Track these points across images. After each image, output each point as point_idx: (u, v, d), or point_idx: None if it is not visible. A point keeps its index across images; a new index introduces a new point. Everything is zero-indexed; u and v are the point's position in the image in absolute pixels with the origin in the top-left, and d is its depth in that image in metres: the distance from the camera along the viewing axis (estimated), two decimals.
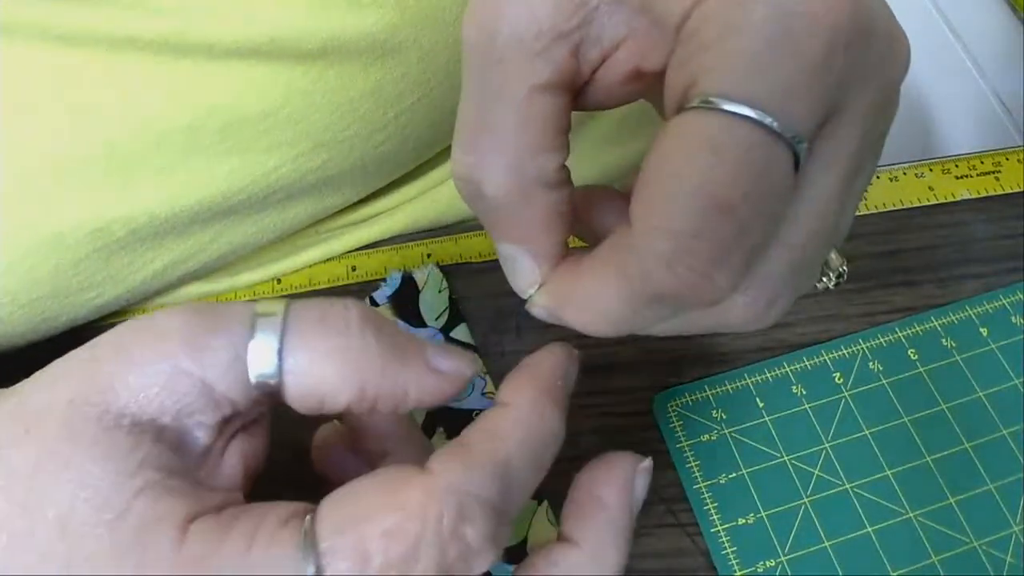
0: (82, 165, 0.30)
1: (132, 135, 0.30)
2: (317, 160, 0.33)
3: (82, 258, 0.31)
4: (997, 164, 0.38)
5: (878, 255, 0.36)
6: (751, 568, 0.30)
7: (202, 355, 0.20)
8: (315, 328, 0.21)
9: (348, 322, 0.21)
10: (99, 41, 0.29)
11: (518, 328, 0.35)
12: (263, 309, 0.21)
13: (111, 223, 0.31)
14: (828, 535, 0.30)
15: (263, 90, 0.30)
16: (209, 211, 0.33)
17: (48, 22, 0.29)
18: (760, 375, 0.33)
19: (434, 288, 0.36)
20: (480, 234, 0.38)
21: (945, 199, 0.37)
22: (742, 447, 0.32)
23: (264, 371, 0.20)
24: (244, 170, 0.32)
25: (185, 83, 0.30)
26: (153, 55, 0.29)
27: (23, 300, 0.31)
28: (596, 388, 0.34)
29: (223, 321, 0.21)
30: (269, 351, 0.20)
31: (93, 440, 0.19)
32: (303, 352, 0.21)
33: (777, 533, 0.30)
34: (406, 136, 0.35)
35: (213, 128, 0.30)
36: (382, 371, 0.21)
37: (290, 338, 0.21)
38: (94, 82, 0.29)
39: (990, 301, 0.35)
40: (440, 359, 0.22)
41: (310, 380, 0.21)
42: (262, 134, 0.31)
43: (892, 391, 0.33)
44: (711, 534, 0.30)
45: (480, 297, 0.36)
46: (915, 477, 0.31)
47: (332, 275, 0.37)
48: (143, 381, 0.20)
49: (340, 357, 0.21)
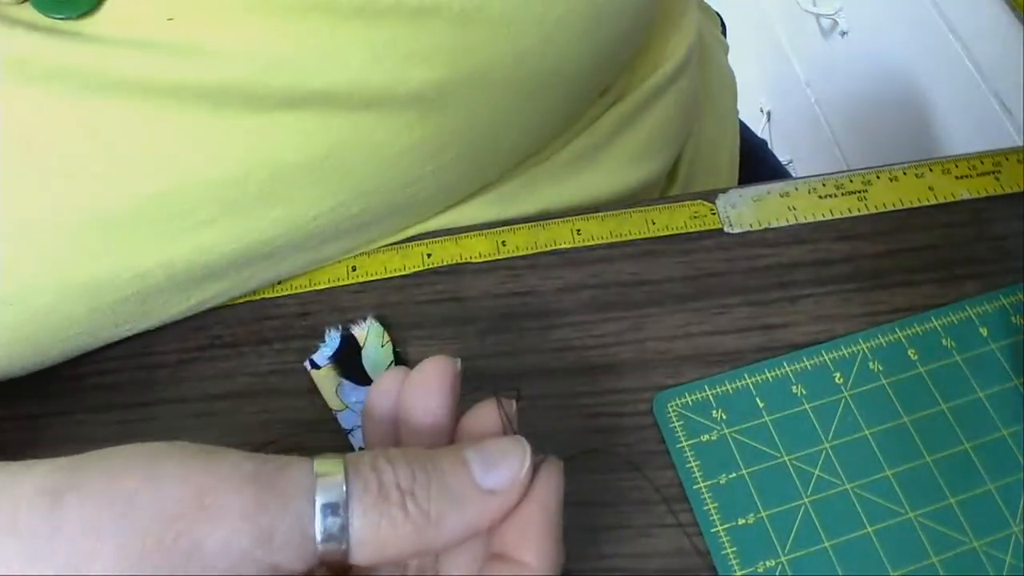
0: (126, 218, 0.30)
1: (177, 189, 0.30)
2: (355, 208, 0.33)
3: (120, 300, 0.32)
4: (997, 164, 0.38)
5: (878, 255, 0.36)
6: (751, 568, 0.30)
7: (271, 541, 0.20)
8: (376, 503, 0.21)
9: (405, 490, 0.21)
10: (148, 91, 0.29)
11: (519, 328, 0.36)
12: (322, 470, 0.21)
13: (152, 269, 0.31)
14: (828, 535, 0.30)
15: (309, 143, 0.30)
16: (247, 257, 0.33)
17: (92, 69, 0.28)
18: (760, 375, 0.33)
19: (376, 343, 0.35)
20: (480, 234, 0.38)
21: (945, 199, 0.37)
22: (742, 447, 0.32)
23: (330, 544, 0.20)
24: (285, 220, 0.32)
25: (233, 136, 0.30)
26: (202, 107, 0.29)
27: (60, 336, 0.32)
28: (596, 388, 0.34)
29: (288, 499, 0.20)
30: (334, 526, 0.20)
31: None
32: (367, 526, 0.21)
33: (777, 533, 0.30)
34: (442, 185, 0.35)
35: (257, 180, 0.30)
36: (442, 524, 0.21)
37: (354, 515, 0.21)
38: (139, 135, 0.29)
39: (990, 301, 0.35)
40: (490, 474, 0.22)
41: (375, 550, 0.21)
42: (305, 186, 0.31)
43: (892, 391, 0.33)
44: (711, 534, 0.30)
45: (480, 297, 0.36)
46: (915, 477, 0.31)
47: (332, 275, 0.37)
48: (211, 570, 0.19)
49: (401, 527, 0.21)
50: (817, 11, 1.14)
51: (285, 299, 0.37)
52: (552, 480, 0.23)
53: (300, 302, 0.37)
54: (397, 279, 0.37)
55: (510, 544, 0.22)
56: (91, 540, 0.19)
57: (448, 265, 0.37)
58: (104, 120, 0.29)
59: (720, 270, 0.36)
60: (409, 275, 0.37)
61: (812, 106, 1.24)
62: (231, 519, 0.20)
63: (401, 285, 0.37)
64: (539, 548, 0.22)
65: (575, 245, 0.37)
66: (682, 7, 0.45)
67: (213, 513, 0.20)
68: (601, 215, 0.38)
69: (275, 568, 0.20)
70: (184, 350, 0.36)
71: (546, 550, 0.22)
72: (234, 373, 0.35)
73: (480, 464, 0.22)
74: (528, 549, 0.22)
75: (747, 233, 0.37)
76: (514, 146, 0.36)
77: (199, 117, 0.29)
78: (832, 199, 0.38)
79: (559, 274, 0.37)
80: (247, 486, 0.20)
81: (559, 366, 0.34)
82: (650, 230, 0.38)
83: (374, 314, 0.36)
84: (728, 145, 0.54)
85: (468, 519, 0.22)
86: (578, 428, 0.33)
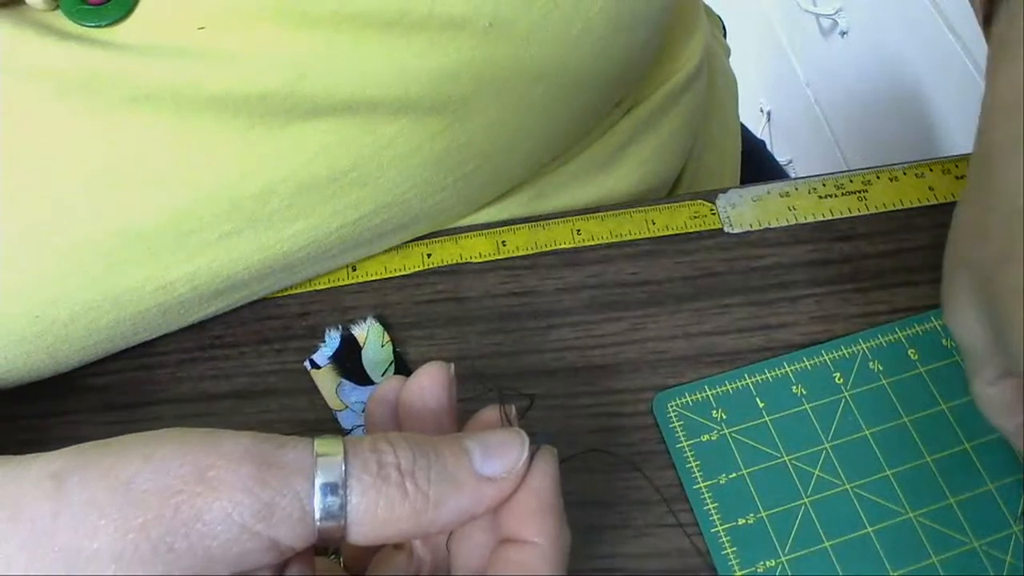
0: (151, 231, 0.30)
1: (203, 202, 0.30)
2: (377, 219, 0.34)
3: (142, 311, 0.32)
4: None
5: (878, 255, 0.36)
6: (751, 568, 0.30)
7: (271, 516, 0.20)
8: (375, 482, 0.21)
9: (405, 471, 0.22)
10: (177, 102, 0.29)
11: (519, 328, 0.36)
12: (323, 450, 0.21)
13: (175, 281, 0.31)
14: (828, 535, 0.30)
15: (335, 155, 0.31)
16: (270, 268, 0.33)
17: (122, 79, 0.28)
18: (760, 375, 0.33)
19: (376, 343, 0.35)
20: (480, 234, 0.38)
21: (945, 199, 0.37)
22: (742, 447, 0.32)
23: (329, 522, 0.21)
24: (308, 233, 0.33)
25: (261, 150, 0.30)
26: (231, 119, 0.29)
27: (79, 346, 0.32)
28: (596, 388, 0.34)
29: (288, 474, 0.21)
30: (333, 504, 0.21)
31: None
32: (365, 504, 0.21)
33: (777, 533, 0.30)
34: (462, 194, 0.36)
35: (282, 194, 0.31)
36: (440, 508, 0.22)
37: (352, 492, 0.21)
38: (167, 148, 0.29)
39: None
40: (488, 462, 0.23)
41: (373, 529, 0.21)
42: (329, 198, 0.32)
43: (892, 391, 0.33)
44: (711, 534, 0.30)
45: (480, 297, 0.36)
46: (915, 477, 0.31)
47: (332, 276, 0.37)
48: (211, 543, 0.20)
49: (399, 507, 0.21)
50: (817, 11, 1.14)
51: (285, 299, 0.37)
52: (545, 465, 0.24)
53: (300, 302, 0.37)
54: (397, 279, 0.37)
55: (512, 528, 0.23)
56: (93, 518, 0.19)
57: (448, 265, 0.37)
58: (132, 133, 0.29)
59: (720, 270, 0.36)
60: (409, 275, 0.37)
61: (812, 106, 1.25)
62: (232, 492, 0.20)
63: (401, 285, 0.37)
64: (539, 526, 0.23)
65: (575, 245, 0.37)
66: (694, 15, 0.45)
67: (214, 486, 0.20)
68: (601, 215, 0.38)
69: (274, 543, 0.20)
70: (184, 350, 0.36)
71: (546, 528, 0.23)
72: (234, 373, 0.35)
73: (480, 452, 0.23)
74: (529, 529, 0.23)
75: (747, 233, 0.37)
76: (534, 155, 0.37)
77: (228, 130, 0.29)
78: (832, 199, 0.38)
79: (559, 274, 0.37)
80: (247, 462, 0.20)
81: (559, 366, 0.34)
82: (650, 230, 0.38)
83: (374, 314, 0.36)
84: (730, 147, 0.55)
85: (465, 503, 0.22)
86: (578, 428, 0.33)
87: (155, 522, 0.19)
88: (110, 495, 0.20)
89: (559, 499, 0.23)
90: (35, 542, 0.19)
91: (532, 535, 0.23)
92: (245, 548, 0.20)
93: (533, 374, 0.34)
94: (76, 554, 0.19)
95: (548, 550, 0.23)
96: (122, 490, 0.20)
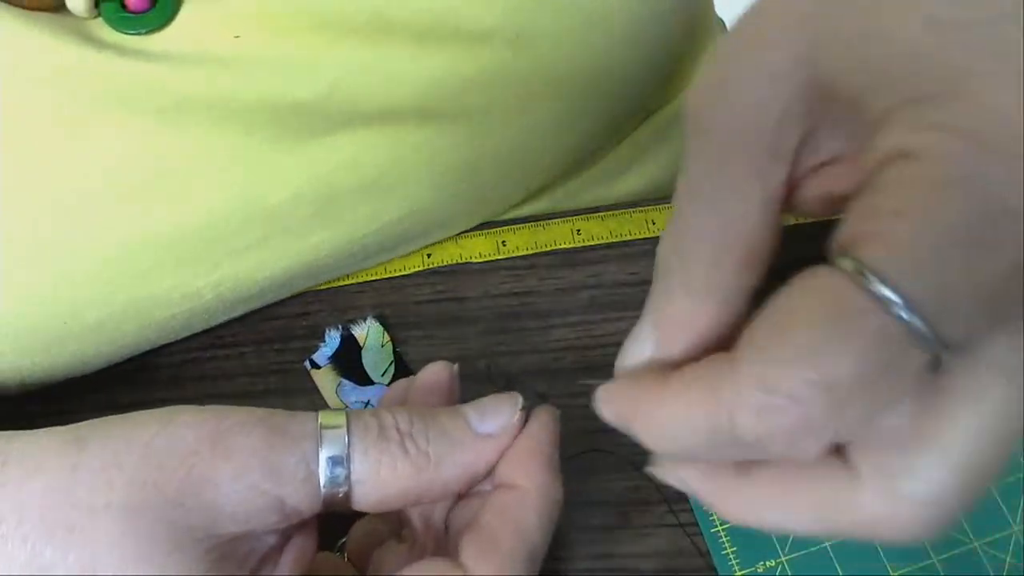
0: (179, 240, 0.30)
1: (233, 211, 0.30)
2: (400, 227, 0.34)
3: (168, 318, 0.32)
4: None
5: None
6: (751, 568, 0.30)
7: (279, 475, 0.22)
8: (376, 442, 0.23)
9: (404, 432, 0.23)
10: (211, 111, 0.29)
11: (519, 328, 0.36)
12: (327, 421, 0.23)
13: (201, 289, 0.32)
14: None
15: (361, 165, 0.31)
16: (295, 276, 0.34)
17: (157, 88, 0.29)
18: None
19: (376, 343, 0.35)
20: (480, 234, 0.38)
21: None
22: None
23: (334, 485, 0.22)
24: (333, 240, 0.33)
25: (290, 160, 0.30)
26: (262, 128, 0.29)
27: (104, 351, 0.33)
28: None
29: (295, 439, 0.22)
30: (338, 467, 0.22)
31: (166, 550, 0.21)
32: (368, 465, 0.23)
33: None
34: (485, 200, 0.36)
35: (309, 203, 0.31)
36: (441, 466, 0.23)
37: (355, 452, 0.22)
38: (199, 157, 0.29)
39: None
40: (483, 421, 0.24)
41: (376, 489, 0.23)
42: (355, 206, 0.32)
43: None
44: (711, 534, 0.30)
45: (480, 297, 0.36)
46: None
47: None
48: (222, 500, 0.21)
49: (401, 466, 0.23)
50: None
51: (285, 299, 0.37)
52: (542, 418, 0.25)
53: (300, 302, 0.37)
54: (397, 279, 0.37)
55: (504, 474, 0.24)
56: (110, 471, 0.21)
57: (448, 265, 0.37)
58: (163, 142, 0.29)
59: None
60: (409, 275, 0.37)
61: None
62: (243, 455, 0.22)
63: (401, 285, 0.37)
64: (526, 471, 0.24)
65: (575, 245, 0.37)
66: (708, 24, 0.46)
67: (226, 449, 0.22)
68: (601, 215, 0.38)
69: (282, 502, 0.22)
70: (184, 350, 0.36)
71: (534, 473, 0.24)
72: (234, 373, 0.35)
73: (475, 413, 0.24)
74: (517, 473, 0.24)
75: None
76: (556, 162, 0.37)
77: (258, 140, 0.29)
78: None
79: (559, 274, 0.37)
80: (258, 428, 0.22)
81: (559, 366, 0.34)
82: (650, 230, 0.38)
83: (374, 314, 0.36)
84: None
85: (465, 460, 0.23)
86: (578, 428, 0.33)
87: (169, 479, 0.21)
88: (128, 453, 0.21)
89: (552, 450, 0.24)
90: (52, 495, 0.21)
91: (520, 479, 0.24)
92: (254, 506, 0.21)
93: (533, 374, 0.34)
94: (89, 509, 0.21)
95: (533, 495, 0.23)
96: (140, 449, 0.21)
